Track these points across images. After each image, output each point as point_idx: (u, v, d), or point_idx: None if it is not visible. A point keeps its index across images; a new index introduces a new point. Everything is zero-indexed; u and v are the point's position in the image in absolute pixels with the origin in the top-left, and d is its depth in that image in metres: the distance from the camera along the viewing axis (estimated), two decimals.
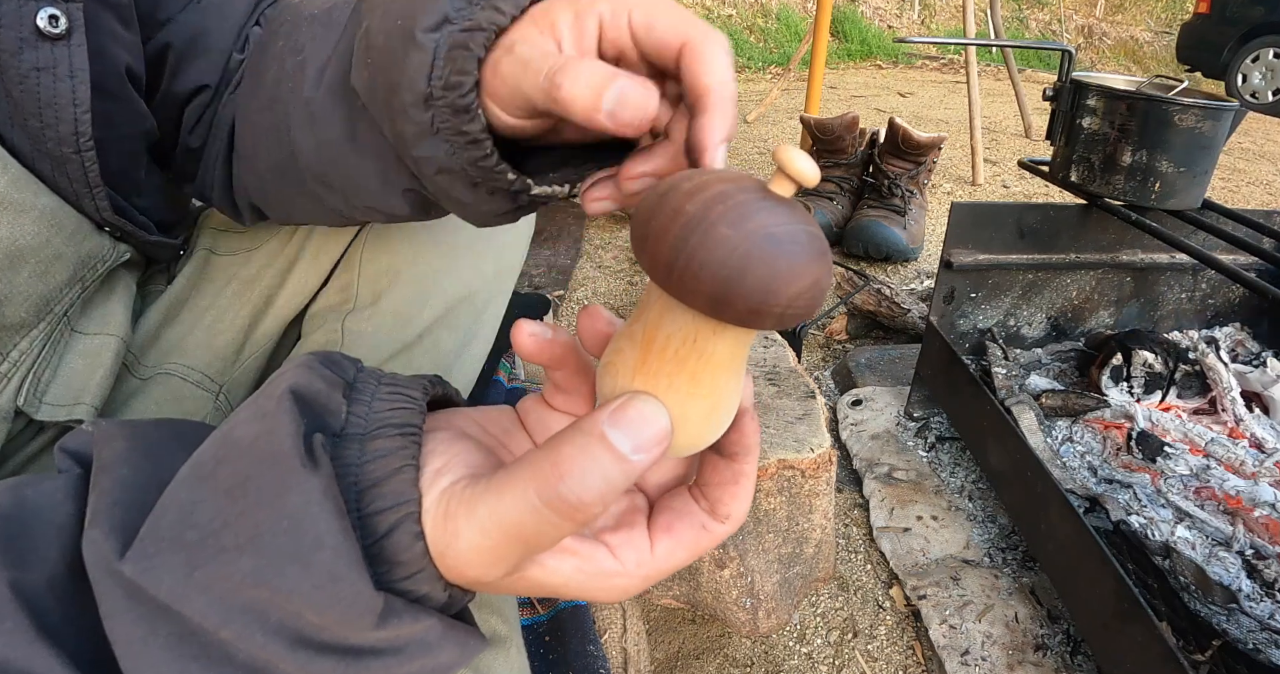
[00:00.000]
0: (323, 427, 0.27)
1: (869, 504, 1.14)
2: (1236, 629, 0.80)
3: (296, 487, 0.25)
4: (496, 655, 0.55)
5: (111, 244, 0.52)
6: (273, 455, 0.25)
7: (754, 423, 0.31)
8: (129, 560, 0.25)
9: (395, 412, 0.29)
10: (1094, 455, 1.08)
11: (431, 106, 0.34)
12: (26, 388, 0.49)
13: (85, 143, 0.44)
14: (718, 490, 0.31)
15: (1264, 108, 4.99)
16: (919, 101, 4.31)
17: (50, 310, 0.49)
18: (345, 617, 0.25)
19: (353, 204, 0.47)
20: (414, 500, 0.26)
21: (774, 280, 0.22)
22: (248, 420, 0.27)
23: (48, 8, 0.40)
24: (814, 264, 0.23)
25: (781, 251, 0.22)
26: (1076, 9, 8.43)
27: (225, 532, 0.25)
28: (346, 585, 0.25)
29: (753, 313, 0.22)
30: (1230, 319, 1.34)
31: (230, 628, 0.24)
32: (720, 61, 0.31)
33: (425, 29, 0.34)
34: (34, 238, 0.45)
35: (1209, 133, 0.97)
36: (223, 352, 0.64)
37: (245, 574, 0.24)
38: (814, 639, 0.95)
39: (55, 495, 0.27)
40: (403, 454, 0.27)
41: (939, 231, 2.13)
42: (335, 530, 0.25)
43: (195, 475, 0.26)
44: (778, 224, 0.22)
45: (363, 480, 0.26)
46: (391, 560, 0.26)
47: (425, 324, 0.67)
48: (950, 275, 1.17)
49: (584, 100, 0.29)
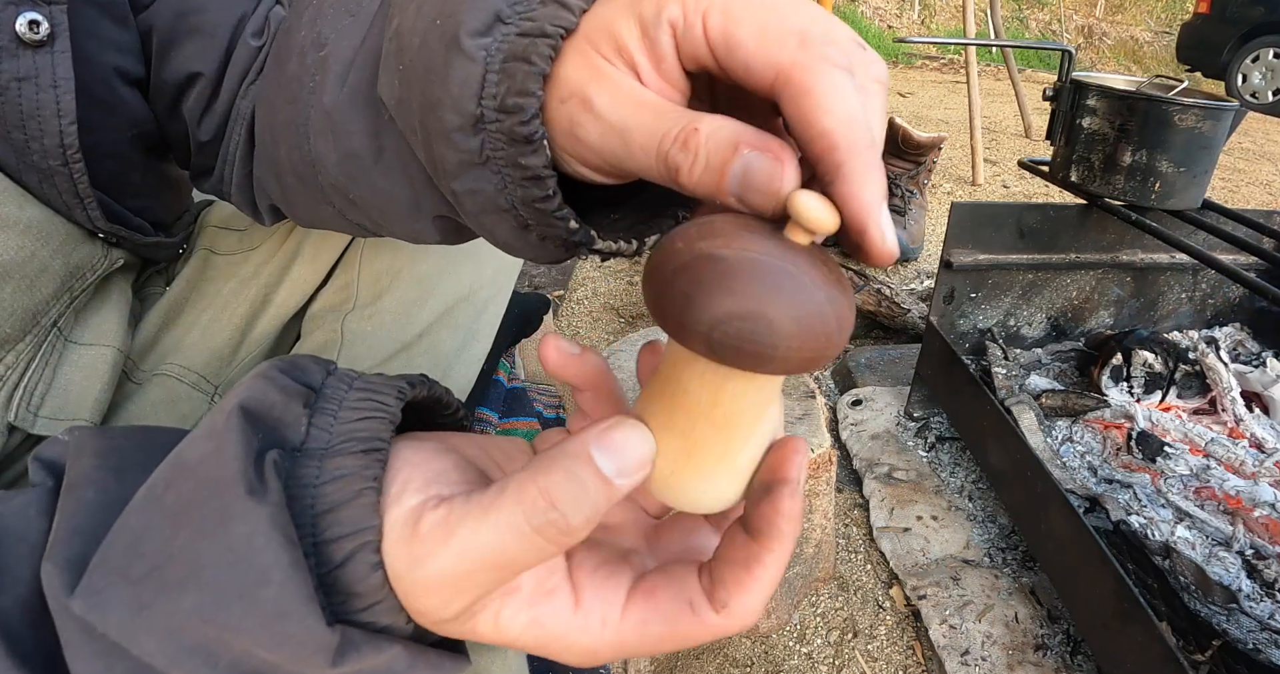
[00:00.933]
0: (279, 441, 0.26)
1: (869, 504, 1.14)
2: (1236, 629, 0.80)
3: (241, 516, 0.23)
4: (494, 659, 0.55)
5: (104, 251, 0.50)
6: (217, 480, 0.24)
7: (792, 501, 0.26)
8: (78, 596, 0.23)
9: (362, 423, 0.26)
10: (1094, 455, 1.08)
11: (482, 131, 0.28)
12: (18, 402, 0.48)
13: (72, 154, 0.42)
14: (724, 569, 0.26)
15: (1264, 108, 4.99)
16: (919, 101, 4.30)
17: (37, 323, 0.47)
18: (297, 654, 0.23)
19: (376, 221, 0.41)
20: (373, 528, 0.24)
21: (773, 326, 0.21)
22: (199, 438, 0.25)
23: (28, 12, 0.38)
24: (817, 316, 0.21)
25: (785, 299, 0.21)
26: (1076, 9, 8.43)
27: (170, 565, 0.23)
28: (295, 622, 0.23)
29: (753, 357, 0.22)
30: (1230, 319, 1.34)
31: (180, 667, 0.23)
32: (840, 92, 0.23)
33: (473, 32, 0.27)
34: (18, 252, 0.43)
35: (1209, 133, 0.97)
36: (219, 351, 0.63)
37: (189, 611, 0.23)
38: (814, 639, 0.95)
39: (27, 512, 0.26)
40: (363, 475, 0.25)
41: (939, 231, 2.13)
42: (283, 564, 0.23)
43: (147, 499, 0.25)
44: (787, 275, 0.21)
45: (319, 503, 0.25)
46: (348, 591, 0.24)
47: (425, 324, 0.67)
48: (950, 275, 1.17)
49: (707, 186, 0.23)
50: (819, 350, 0.22)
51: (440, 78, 0.28)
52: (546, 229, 0.30)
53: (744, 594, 0.26)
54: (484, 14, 0.27)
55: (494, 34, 0.27)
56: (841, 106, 0.22)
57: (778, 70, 0.23)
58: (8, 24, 0.38)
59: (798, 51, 0.23)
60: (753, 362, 0.22)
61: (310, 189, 0.43)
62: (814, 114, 0.22)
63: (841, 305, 0.22)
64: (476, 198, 0.30)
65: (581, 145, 0.26)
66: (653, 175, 0.25)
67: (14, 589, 0.25)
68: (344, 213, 0.43)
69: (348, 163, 0.37)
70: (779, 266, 0.21)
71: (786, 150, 0.23)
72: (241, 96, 0.48)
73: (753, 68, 0.23)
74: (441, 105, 0.28)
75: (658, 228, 0.31)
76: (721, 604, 0.26)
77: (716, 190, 0.23)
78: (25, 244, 0.44)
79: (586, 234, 0.29)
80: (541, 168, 0.27)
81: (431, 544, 0.24)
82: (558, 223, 0.29)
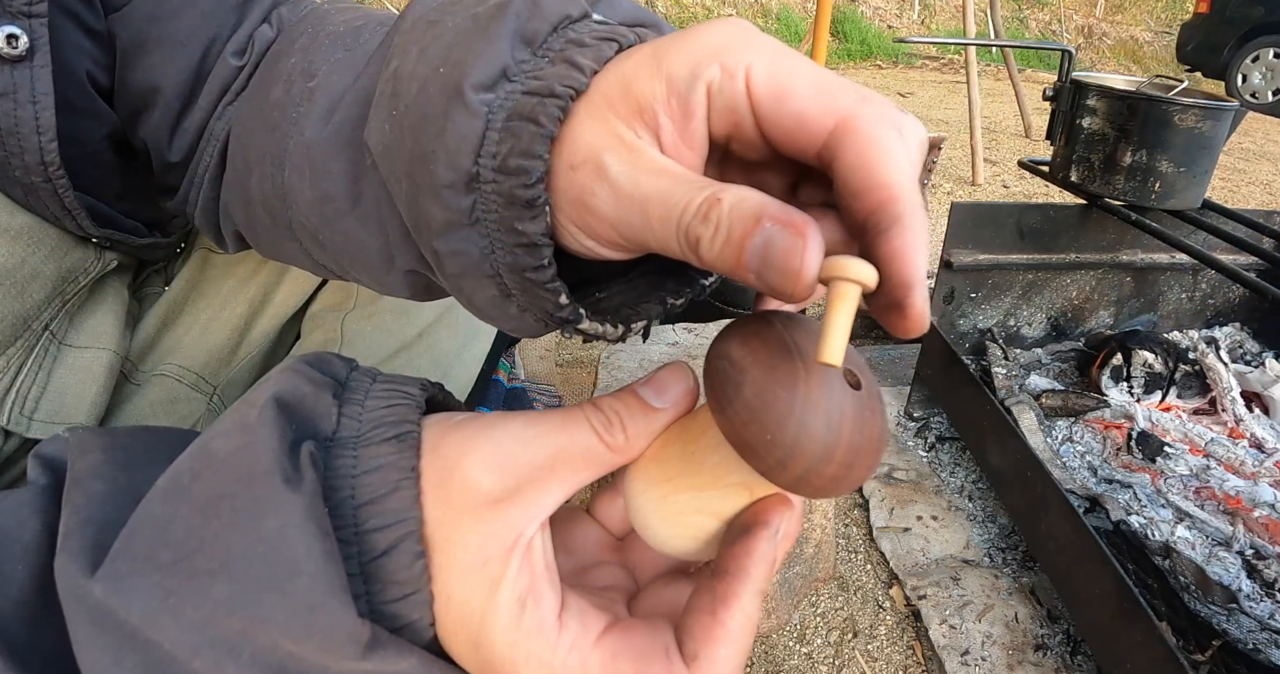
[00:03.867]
0: (313, 432, 0.25)
1: (869, 504, 1.14)
2: (1236, 629, 0.80)
3: (275, 507, 0.23)
4: None
5: (97, 254, 0.49)
6: (250, 473, 0.24)
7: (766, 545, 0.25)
8: (100, 579, 0.23)
9: (391, 409, 0.26)
10: (1094, 455, 1.08)
11: (475, 191, 0.26)
12: (12, 406, 0.47)
13: (55, 171, 0.41)
14: (691, 618, 0.25)
15: (1264, 108, 5.00)
16: (919, 101, 4.31)
17: (28, 327, 0.47)
18: (324, 646, 0.23)
19: (345, 269, 0.39)
20: (414, 518, 0.25)
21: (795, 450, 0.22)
22: (227, 432, 0.25)
23: (6, 26, 0.37)
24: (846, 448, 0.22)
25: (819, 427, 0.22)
26: (1076, 9, 8.43)
27: (199, 554, 0.23)
28: (325, 615, 0.23)
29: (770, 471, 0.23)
30: (1230, 319, 1.34)
31: (203, 658, 0.23)
32: (899, 151, 0.22)
33: (478, 86, 0.25)
34: (7, 259, 0.43)
35: (1209, 133, 0.97)
36: (218, 351, 0.62)
37: (219, 602, 0.23)
38: (814, 639, 0.95)
39: (21, 512, 0.26)
40: (400, 466, 0.25)
41: (939, 231, 2.13)
42: (316, 555, 0.23)
43: (171, 488, 0.25)
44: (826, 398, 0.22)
45: (359, 495, 0.25)
46: (388, 580, 0.25)
47: (425, 323, 0.67)
48: (950, 275, 1.17)
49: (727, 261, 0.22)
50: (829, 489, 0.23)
51: (437, 129, 0.26)
52: (531, 301, 0.28)
53: (711, 644, 0.25)
54: (491, 67, 0.25)
55: (499, 90, 0.25)
56: (905, 161, 0.22)
57: (839, 118, 0.22)
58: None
59: (860, 104, 0.22)
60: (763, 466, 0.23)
61: (279, 224, 0.40)
62: (878, 163, 0.21)
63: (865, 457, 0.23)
64: (459, 260, 0.28)
65: (592, 215, 0.25)
66: (670, 248, 0.23)
67: (6, 590, 0.24)
68: (311, 253, 0.40)
69: (322, 204, 0.35)
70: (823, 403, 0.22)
71: (811, 225, 0.21)
72: (217, 117, 0.45)
73: (808, 117, 0.22)
74: (434, 158, 0.26)
75: (645, 313, 0.30)
76: (691, 656, 0.25)
77: (736, 266, 0.22)
78: (15, 251, 0.43)
79: (575, 312, 0.28)
80: (539, 235, 0.25)
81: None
82: (546, 296, 0.27)
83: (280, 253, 0.44)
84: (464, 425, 0.27)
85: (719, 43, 0.23)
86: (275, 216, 0.40)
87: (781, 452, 0.22)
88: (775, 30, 6.10)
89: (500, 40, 0.26)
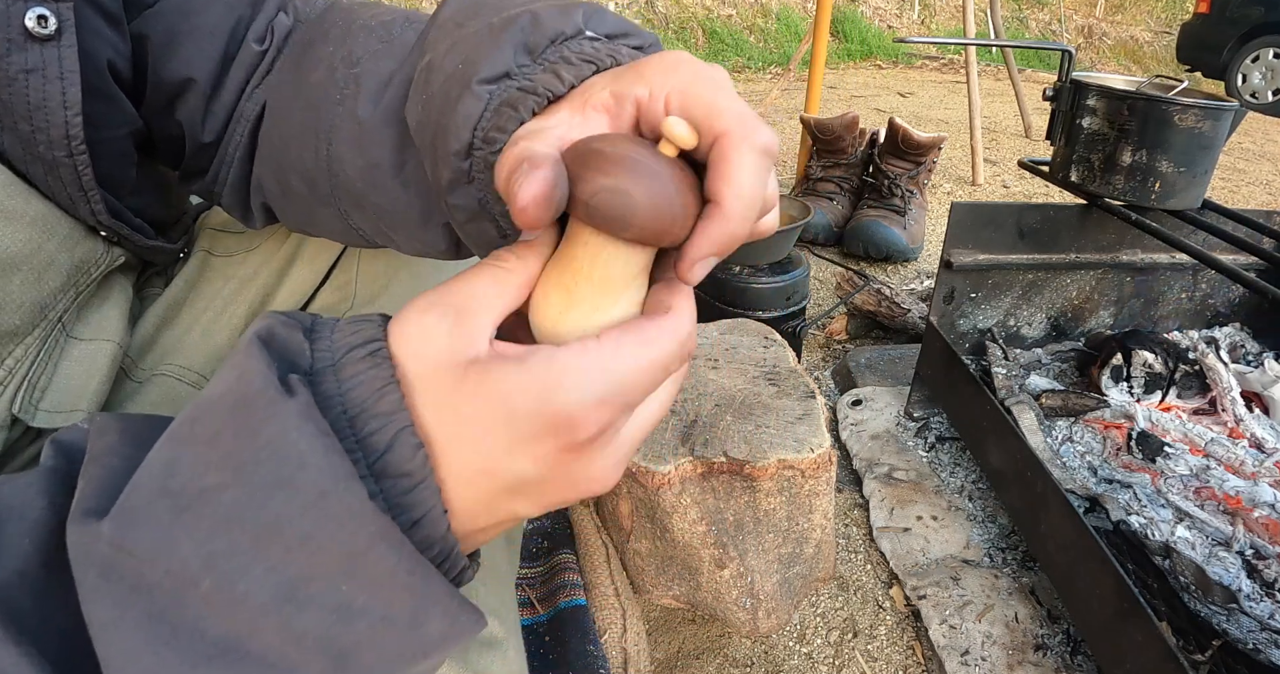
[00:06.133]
0: (292, 368, 0.27)
1: (869, 504, 1.14)
2: (1236, 629, 0.80)
3: (274, 416, 0.25)
4: (495, 657, 0.55)
5: (105, 248, 0.51)
6: (245, 396, 0.25)
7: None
8: (111, 518, 0.24)
9: (357, 334, 0.29)
10: (1094, 455, 1.08)
11: (472, 157, 0.34)
12: (22, 394, 0.49)
13: (77, 146, 0.43)
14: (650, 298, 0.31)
15: (1264, 108, 4.99)
16: (919, 101, 4.31)
17: (45, 317, 0.48)
18: (338, 534, 0.24)
19: (381, 229, 0.45)
20: (405, 415, 0.27)
21: (631, 199, 0.28)
22: (219, 378, 0.27)
23: (36, 7, 0.39)
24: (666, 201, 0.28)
25: (644, 184, 0.28)
26: (1076, 9, 8.43)
27: (209, 473, 0.24)
28: (335, 500, 0.24)
29: (615, 222, 0.28)
30: (1230, 319, 1.34)
31: (214, 576, 0.24)
32: (744, 173, 0.28)
33: (483, 80, 0.33)
34: (25, 244, 0.44)
35: (1209, 133, 0.97)
36: (219, 351, 0.63)
37: (230, 509, 0.24)
38: (814, 639, 0.95)
39: (28, 491, 0.27)
40: (379, 375, 0.27)
41: (939, 231, 2.13)
42: (317, 449, 0.24)
43: (172, 437, 0.26)
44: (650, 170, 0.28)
45: (350, 408, 0.27)
46: (396, 473, 0.26)
47: None
48: (950, 275, 1.17)
49: (499, 182, 0.29)
50: (665, 227, 0.28)
51: (451, 110, 0.34)
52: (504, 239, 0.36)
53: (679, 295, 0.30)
54: (497, 67, 0.33)
55: (500, 83, 0.33)
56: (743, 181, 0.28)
57: (715, 136, 0.29)
58: (17, 18, 0.39)
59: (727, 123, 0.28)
60: (615, 226, 0.28)
61: (316, 192, 0.47)
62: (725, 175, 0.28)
63: (688, 201, 0.29)
64: (464, 210, 0.36)
65: None
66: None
67: (11, 563, 0.25)
68: (348, 217, 0.46)
69: (371, 171, 0.43)
70: (645, 164, 0.28)
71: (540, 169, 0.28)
72: (246, 98, 0.50)
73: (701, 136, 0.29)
74: (447, 131, 0.34)
75: None
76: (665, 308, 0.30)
77: (505, 193, 0.29)
78: (32, 236, 0.45)
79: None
80: None
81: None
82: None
83: (310, 220, 0.51)
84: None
85: (655, 72, 0.30)
86: (314, 185, 0.46)
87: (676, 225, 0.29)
88: (775, 30, 6.10)
89: (506, 47, 0.34)
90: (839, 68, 5.65)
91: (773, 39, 6.03)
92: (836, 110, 2.47)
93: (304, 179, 0.47)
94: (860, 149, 2.16)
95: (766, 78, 5.07)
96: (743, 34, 5.94)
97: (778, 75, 4.97)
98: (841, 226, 2.09)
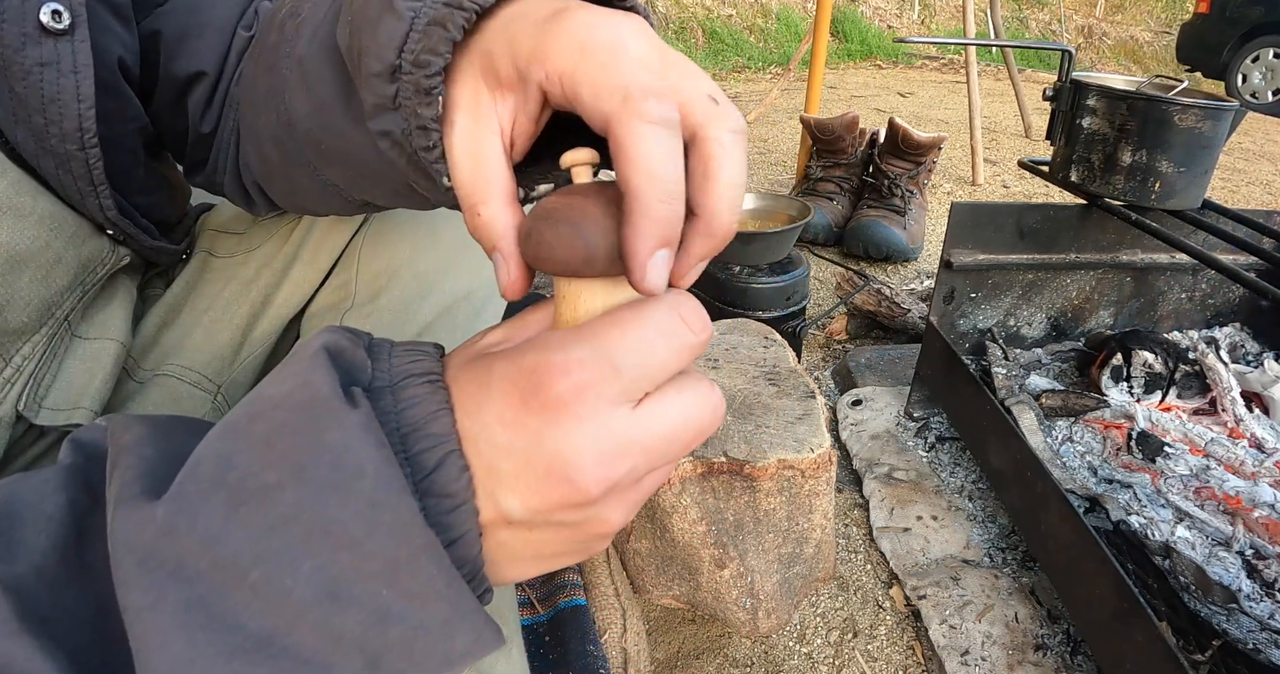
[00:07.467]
0: (354, 382, 0.28)
1: (869, 504, 1.14)
2: (1236, 629, 0.80)
3: (337, 423, 0.25)
4: (496, 657, 0.55)
5: (111, 247, 0.51)
6: (309, 401, 0.26)
7: None
8: (165, 501, 0.24)
9: (414, 364, 0.29)
10: (1094, 455, 1.08)
11: (398, 80, 0.32)
12: (27, 392, 0.49)
13: (89, 139, 0.44)
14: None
15: (1264, 108, 4.99)
16: (919, 101, 4.31)
17: (52, 315, 0.49)
18: (386, 543, 0.25)
19: (353, 180, 0.44)
20: (454, 439, 0.27)
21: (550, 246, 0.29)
22: (280, 379, 0.27)
23: (51, 3, 0.40)
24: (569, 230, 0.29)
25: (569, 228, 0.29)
26: (1076, 9, 8.43)
27: (267, 471, 0.25)
28: (388, 510, 0.25)
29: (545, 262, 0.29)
30: (1230, 319, 1.34)
31: (263, 568, 0.24)
32: (640, 150, 0.26)
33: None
34: (34, 242, 0.45)
35: (1209, 133, 0.97)
36: (221, 352, 0.64)
37: (287, 506, 0.24)
38: (814, 639, 0.95)
39: (46, 486, 0.27)
40: (434, 400, 0.28)
41: (939, 231, 2.13)
42: (376, 460, 0.25)
43: (228, 430, 0.26)
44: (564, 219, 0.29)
45: (404, 426, 0.27)
46: (440, 493, 0.27)
47: (424, 322, 0.67)
48: (950, 275, 1.17)
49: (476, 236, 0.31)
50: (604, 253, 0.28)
51: (373, 30, 0.32)
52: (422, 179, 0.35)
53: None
54: None
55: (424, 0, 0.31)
56: (643, 157, 0.26)
57: (604, 120, 0.27)
58: (32, 13, 0.40)
59: (613, 102, 0.27)
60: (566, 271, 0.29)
61: (285, 155, 0.46)
62: (624, 157, 0.27)
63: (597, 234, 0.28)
64: (387, 139, 0.34)
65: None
66: None
67: (29, 557, 0.25)
68: (319, 171, 0.45)
69: (319, 112, 0.40)
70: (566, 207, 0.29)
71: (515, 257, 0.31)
72: (235, 83, 0.51)
73: (593, 121, 0.28)
74: (369, 52, 0.32)
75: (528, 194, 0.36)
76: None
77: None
78: (41, 234, 0.45)
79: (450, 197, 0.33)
80: (430, 120, 0.31)
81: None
82: (435, 176, 0.33)
83: (292, 189, 0.49)
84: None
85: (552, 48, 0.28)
86: (282, 146, 0.45)
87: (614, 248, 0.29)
88: (775, 30, 6.10)
89: None
90: (839, 68, 5.65)
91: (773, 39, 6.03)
92: (836, 110, 2.47)
93: (274, 143, 0.46)
94: (860, 149, 2.16)
95: (766, 78, 5.07)
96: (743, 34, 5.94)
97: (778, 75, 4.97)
98: (841, 226, 2.09)
